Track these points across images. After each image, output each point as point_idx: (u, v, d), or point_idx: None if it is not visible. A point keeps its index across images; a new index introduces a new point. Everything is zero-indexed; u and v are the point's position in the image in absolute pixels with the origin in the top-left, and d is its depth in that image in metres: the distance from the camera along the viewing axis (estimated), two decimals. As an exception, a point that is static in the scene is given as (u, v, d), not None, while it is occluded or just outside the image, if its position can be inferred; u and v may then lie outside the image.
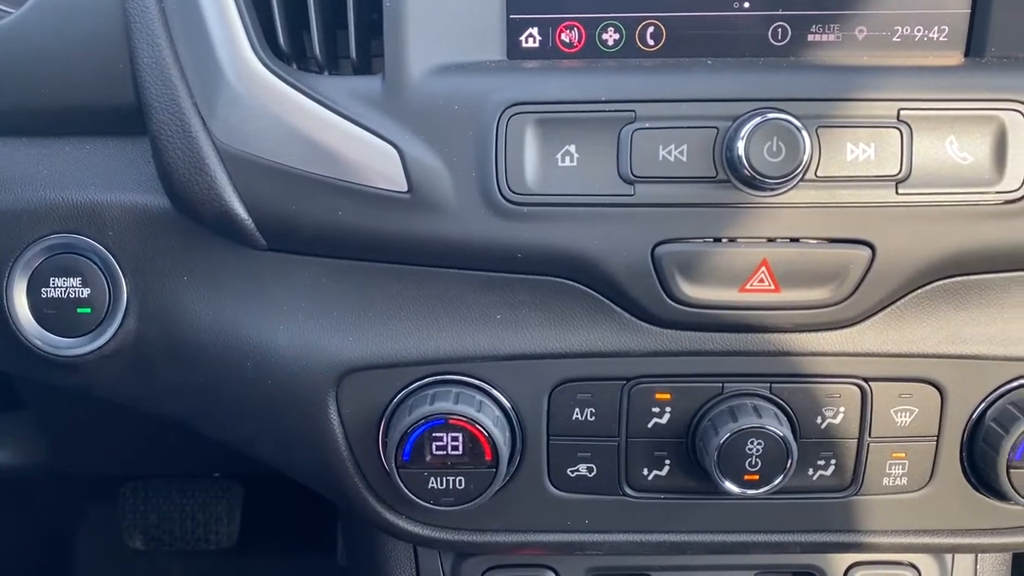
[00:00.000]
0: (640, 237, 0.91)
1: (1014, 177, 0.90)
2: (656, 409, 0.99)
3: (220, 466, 2.00)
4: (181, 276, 1.02)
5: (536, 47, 0.96)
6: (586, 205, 0.90)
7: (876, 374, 0.98)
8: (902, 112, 0.89)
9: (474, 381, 0.98)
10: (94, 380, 1.08)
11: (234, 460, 1.19)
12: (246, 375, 1.01)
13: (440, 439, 0.95)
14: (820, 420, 0.99)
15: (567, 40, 0.96)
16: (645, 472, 1.01)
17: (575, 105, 0.90)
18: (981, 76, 0.92)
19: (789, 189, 0.89)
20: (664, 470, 1.01)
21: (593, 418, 0.99)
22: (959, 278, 0.96)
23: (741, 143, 0.86)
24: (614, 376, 0.98)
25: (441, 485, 0.96)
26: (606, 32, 0.96)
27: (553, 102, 0.90)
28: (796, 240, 0.91)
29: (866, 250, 0.91)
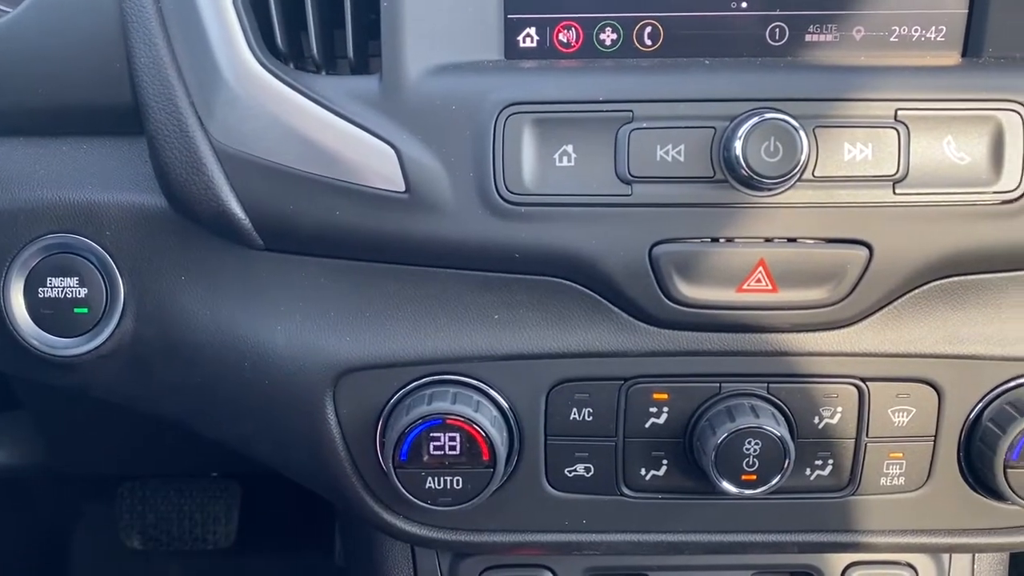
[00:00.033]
0: (638, 237, 0.91)
1: (1011, 177, 0.90)
2: (654, 409, 0.99)
3: (218, 466, 2.00)
4: (178, 276, 1.02)
5: (534, 47, 0.96)
6: (584, 205, 0.90)
7: (873, 374, 0.98)
8: (899, 112, 0.89)
9: (472, 381, 0.98)
10: (91, 380, 1.07)
11: (232, 460, 1.19)
12: (243, 375, 1.01)
13: (437, 439, 0.95)
14: (818, 420, 0.99)
15: (565, 40, 0.96)
16: (643, 472, 1.01)
17: (573, 105, 0.90)
18: (978, 76, 0.92)
19: (786, 189, 0.89)
20: (662, 470, 1.01)
21: (591, 418, 0.99)
22: (956, 278, 0.96)
23: (739, 143, 0.86)
24: (612, 376, 0.98)
25: (438, 485, 0.96)
26: (604, 32, 0.96)
27: (551, 102, 0.90)
28: (793, 240, 0.91)
29: (863, 250, 0.91)
